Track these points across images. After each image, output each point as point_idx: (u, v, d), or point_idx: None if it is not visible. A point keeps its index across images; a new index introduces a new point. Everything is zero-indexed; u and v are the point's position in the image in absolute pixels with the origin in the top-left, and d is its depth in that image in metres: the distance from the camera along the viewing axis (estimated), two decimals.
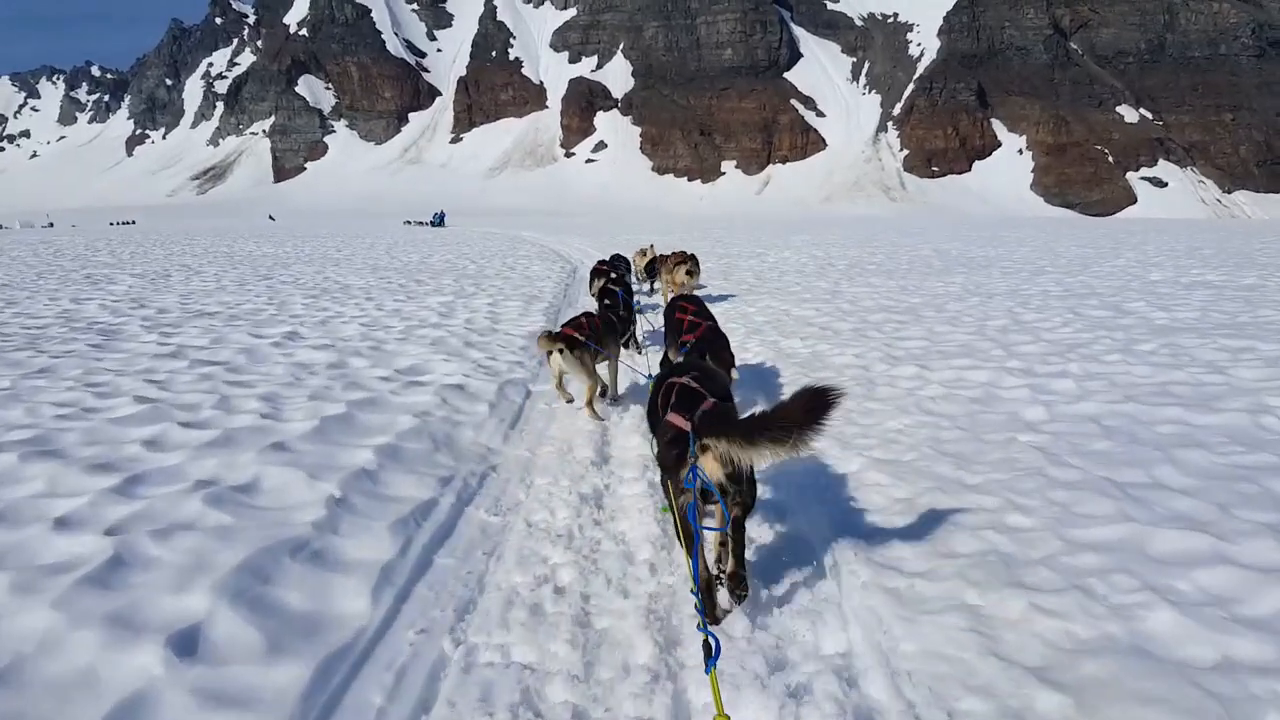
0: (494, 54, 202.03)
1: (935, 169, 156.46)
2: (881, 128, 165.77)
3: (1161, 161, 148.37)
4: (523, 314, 8.36)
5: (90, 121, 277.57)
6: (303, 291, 10.26)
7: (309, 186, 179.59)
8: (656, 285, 11.08)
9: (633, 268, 11.59)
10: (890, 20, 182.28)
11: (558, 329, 5.27)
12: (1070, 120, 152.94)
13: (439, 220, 49.58)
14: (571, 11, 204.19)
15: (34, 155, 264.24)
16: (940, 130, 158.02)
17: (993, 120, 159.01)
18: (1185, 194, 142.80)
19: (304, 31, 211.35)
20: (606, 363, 5.55)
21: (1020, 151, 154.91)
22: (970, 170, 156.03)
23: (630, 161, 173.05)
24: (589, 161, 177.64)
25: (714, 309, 5.90)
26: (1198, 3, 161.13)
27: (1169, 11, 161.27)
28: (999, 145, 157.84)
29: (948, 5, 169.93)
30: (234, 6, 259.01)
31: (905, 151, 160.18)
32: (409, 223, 52.57)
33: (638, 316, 7.35)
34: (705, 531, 2.68)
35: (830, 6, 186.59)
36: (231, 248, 20.67)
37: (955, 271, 12.63)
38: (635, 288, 10.38)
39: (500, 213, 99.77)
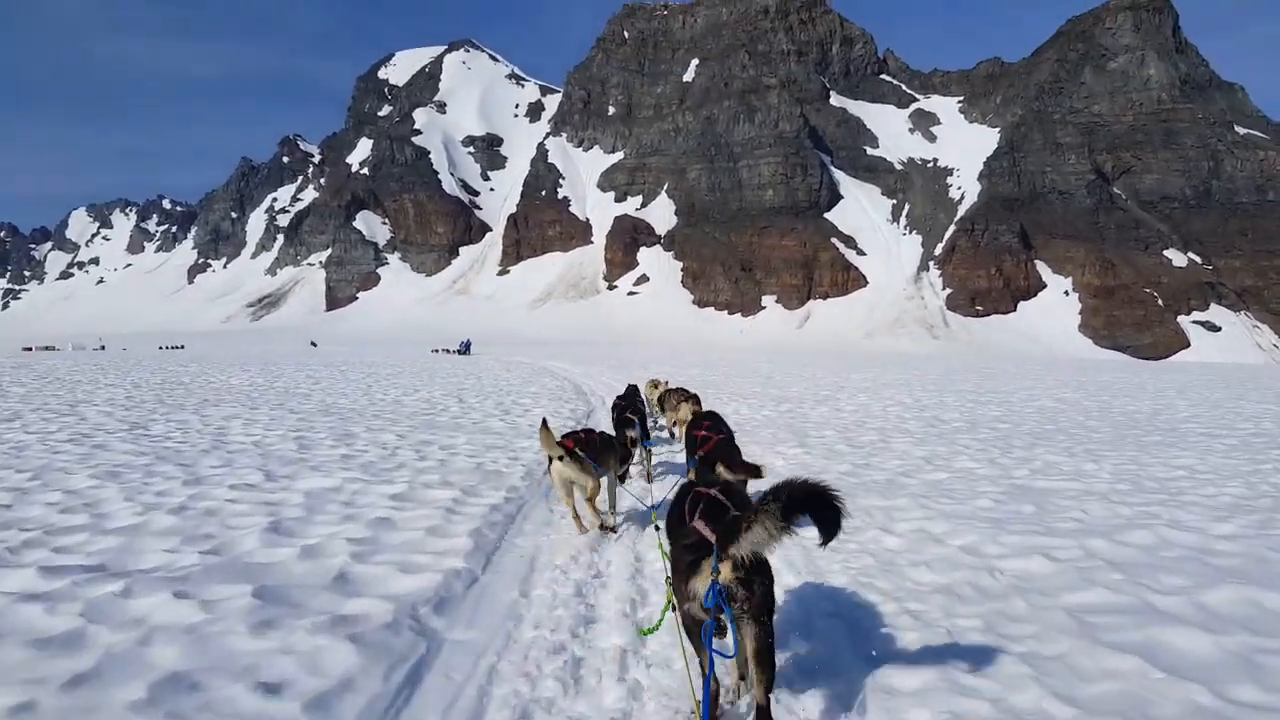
0: (543, 192, 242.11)
1: (979, 308, 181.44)
2: (923, 267, 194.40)
3: (1214, 306, 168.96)
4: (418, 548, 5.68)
5: (157, 251, 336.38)
6: (130, 451, 9.25)
7: (360, 315, 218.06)
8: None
9: (645, 398, 12.55)
10: (930, 165, 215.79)
11: (559, 439, 5.97)
12: (1117, 263, 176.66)
13: (465, 349, 57.47)
14: (619, 155, 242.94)
15: (100, 281, 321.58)
16: (983, 270, 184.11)
17: (1037, 261, 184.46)
18: (1239, 338, 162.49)
19: (365, 170, 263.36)
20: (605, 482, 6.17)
21: (1066, 293, 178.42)
22: (1015, 310, 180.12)
23: (672, 294, 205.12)
24: (631, 294, 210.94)
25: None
26: (1243, 150, 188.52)
27: (1213, 158, 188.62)
28: (1044, 286, 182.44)
29: (987, 151, 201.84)
30: (301, 147, 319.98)
31: (948, 290, 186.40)
32: (436, 350, 60.15)
33: (650, 449, 8.70)
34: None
35: (870, 152, 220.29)
36: (219, 377, 23.16)
37: (1152, 439, 11.87)
38: (650, 418, 11.97)
39: (542, 342, 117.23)
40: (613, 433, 8.04)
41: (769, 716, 2.93)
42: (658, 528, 5.41)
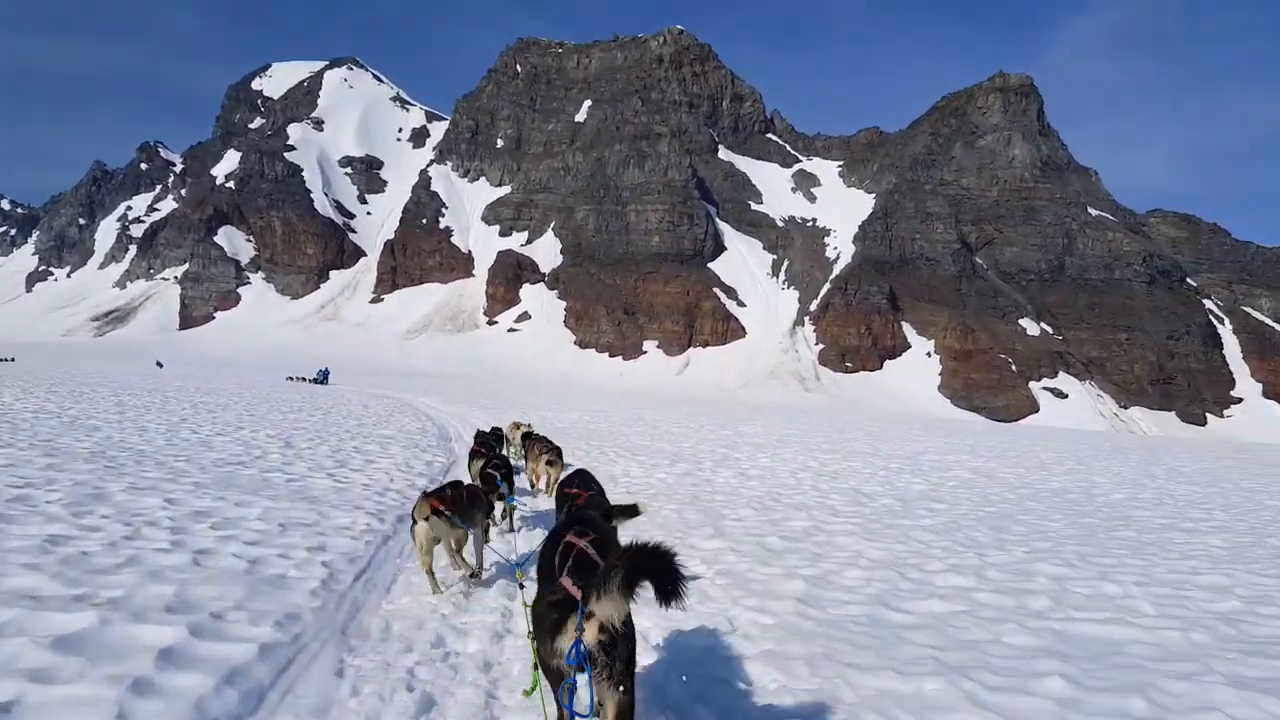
0: (424, 221, 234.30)
1: (849, 364, 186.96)
2: (799, 321, 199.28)
3: (1062, 374, 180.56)
4: None
5: None
6: None
7: (217, 336, 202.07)
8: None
9: (506, 440, 13.32)
10: (809, 224, 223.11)
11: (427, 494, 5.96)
12: (976, 329, 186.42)
13: (323, 378, 54.62)
14: (506, 189, 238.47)
15: None
16: (854, 328, 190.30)
17: (903, 323, 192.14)
18: (1084, 406, 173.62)
19: (230, 184, 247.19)
20: (471, 539, 6.20)
21: (929, 354, 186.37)
22: (881, 368, 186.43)
23: (553, 334, 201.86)
24: (511, 330, 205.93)
25: None
26: (1094, 230, 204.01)
27: (1068, 236, 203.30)
28: (909, 347, 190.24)
29: (863, 215, 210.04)
30: (161, 154, 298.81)
31: (821, 345, 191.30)
32: (291, 379, 56.63)
33: (512, 505, 8.43)
34: None
35: (754, 207, 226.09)
36: (2, 400, 18.48)
37: (1127, 535, 10.37)
38: (511, 458, 12.63)
39: (415, 374, 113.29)
40: (475, 481, 8.10)
41: None
42: (522, 586, 5.65)
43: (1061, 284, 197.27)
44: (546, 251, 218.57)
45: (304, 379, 55.94)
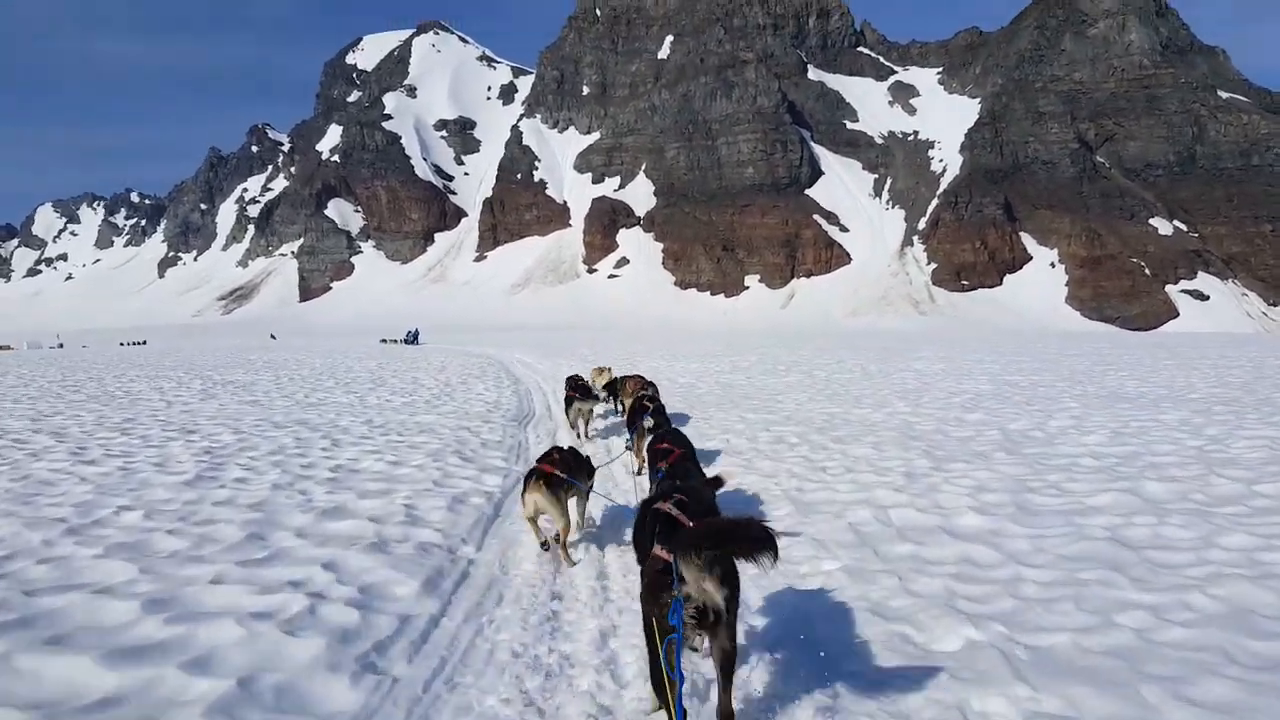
0: (519, 176, 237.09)
1: (965, 282, 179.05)
2: (907, 242, 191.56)
3: (1201, 274, 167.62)
4: None
5: (126, 245, 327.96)
6: None
7: (334, 305, 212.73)
8: (620, 405, 13.14)
9: (591, 385, 12.88)
10: (910, 138, 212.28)
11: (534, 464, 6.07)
12: (1103, 233, 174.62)
13: (413, 339, 55.38)
14: (595, 135, 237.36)
15: (69, 278, 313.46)
16: (968, 244, 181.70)
17: (1022, 234, 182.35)
18: (1229, 307, 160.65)
19: (335, 158, 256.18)
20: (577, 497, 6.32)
21: (1053, 265, 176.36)
22: (1001, 284, 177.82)
23: (653, 277, 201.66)
24: (611, 277, 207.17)
25: None
26: (1226, 115, 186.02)
27: (1197, 123, 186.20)
28: (1030, 259, 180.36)
29: (968, 122, 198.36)
30: (270, 136, 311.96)
31: (933, 265, 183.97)
32: (385, 341, 58.39)
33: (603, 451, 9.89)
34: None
35: (850, 126, 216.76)
36: (124, 383, 20.16)
37: None
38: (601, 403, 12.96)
39: (521, 328, 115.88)
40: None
41: (733, 717, 3.14)
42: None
43: (1194, 177, 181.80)
44: (640, 194, 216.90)
45: (396, 340, 56.94)
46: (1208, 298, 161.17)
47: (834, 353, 31.96)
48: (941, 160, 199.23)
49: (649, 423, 8.65)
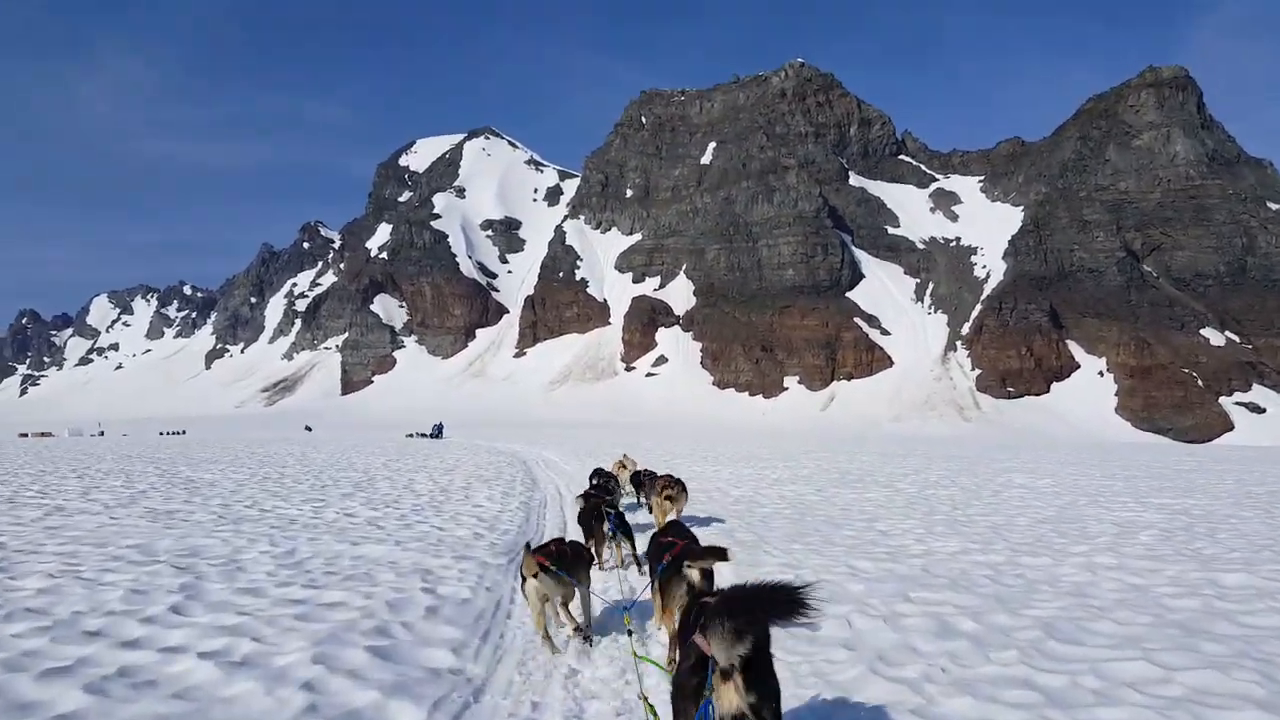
0: (561, 274, 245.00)
1: (1010, 389, 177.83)
2: (950, 347, 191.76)
3: (1256, 386, 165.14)
4: None
5: (176, 336, 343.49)
6: None
7: (375, 398, 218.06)
8: (642, 500, 13.43)
9: (618, 480, 13.43)
10: (953, 244, 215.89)
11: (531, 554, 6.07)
12: (1152, 342, 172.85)
13: (437, 432, 57.06)
14: (637, 236, 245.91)
15: (119, 367, 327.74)
16: (1013, 350, 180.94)
17: (1069, 341, 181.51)
18: None
19: (383, 255, 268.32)
20: (578, 594, 6.45)
21: (1101, 374, 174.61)
22: (1048, 391, 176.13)
23: (691, 375, 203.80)
24: (649, 375, 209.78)
25: None
26: (1277, 225, 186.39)
27: (1246, 234, 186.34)
28: (1077, 367, 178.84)
29: (1011, 229, 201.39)
30: (321, 232, 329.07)
31: (977, 371, 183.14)
32: (410, 435, 60.11)
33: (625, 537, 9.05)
34: None
35: (891, 231, 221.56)
36: (156, 468, 21.77)
37: None
38: (624, 497, 13.13)
39: (555, 424, 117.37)
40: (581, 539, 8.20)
41: None
42: (630, 633, 6.00)
43: (1245, 287, 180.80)
44: (680, 294, 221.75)
45: (422, 435, 58.45)
46: (1264, 410, 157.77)
47: (901, 460, 30.89)
48: (985, 266, 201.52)
49: (607, 528, 8.83)
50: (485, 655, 6.12)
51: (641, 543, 9.31)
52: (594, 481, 12.63)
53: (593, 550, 8.04)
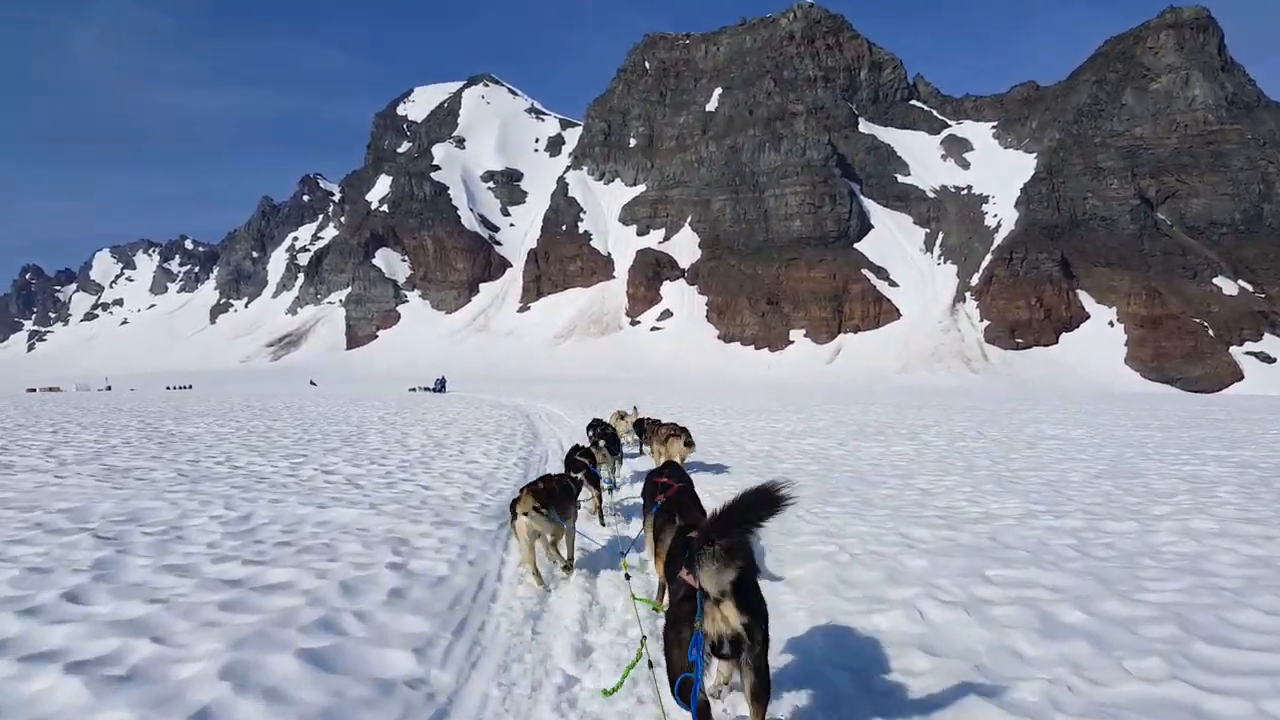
0: (564, 227, 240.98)
1: (1019, 340, 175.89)
2: (959, 298, 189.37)
3: (1268, 335, 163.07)
4: None
5: (180, 291, 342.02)
6: None
7: (379, 353, 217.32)
8: (646, 448, 13.32)
9: (617, 432, 12.77)
10: (964, 192, 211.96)
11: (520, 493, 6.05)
12: (1164, 292, 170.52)
13: (440, 386, 56.58)
14: (640, 188, 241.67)
15: (124, 322, 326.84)
16: (1023, 301, 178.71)
17: (1079, 291, 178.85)
18: None
19: (384, 207, 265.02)
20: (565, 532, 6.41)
21: (1111, 324, 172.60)
22: (1057, 342, 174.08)
23: (696, 329, 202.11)
24: (654, 329, 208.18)
25: None
26: None
27: (1264, 181, 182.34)
28: (1087, 317, 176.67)
29: (1024, 177, 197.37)
30: (321, 185, 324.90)
31: (986, 322, 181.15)
32: (413, 389, 60.52)
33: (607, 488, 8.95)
34: None
35: (901, 180, 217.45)
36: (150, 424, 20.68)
37: None
38: (625, 445, 12.89)
39: (562, 379, 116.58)
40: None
41: None
42: (627, 576, 5.85)
43: (1260, 235, 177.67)
44: (684, 247, 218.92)
45: (425, 389, 58.57)
46: (1275, 360, 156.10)
47: (917, 412, 29.72)
48: (996, 215, 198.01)
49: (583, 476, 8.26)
50: (457, 656, 4.76)
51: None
52: (591, 433, 11.93)
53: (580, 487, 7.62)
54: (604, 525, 8.55)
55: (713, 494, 10.37)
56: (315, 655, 4.50)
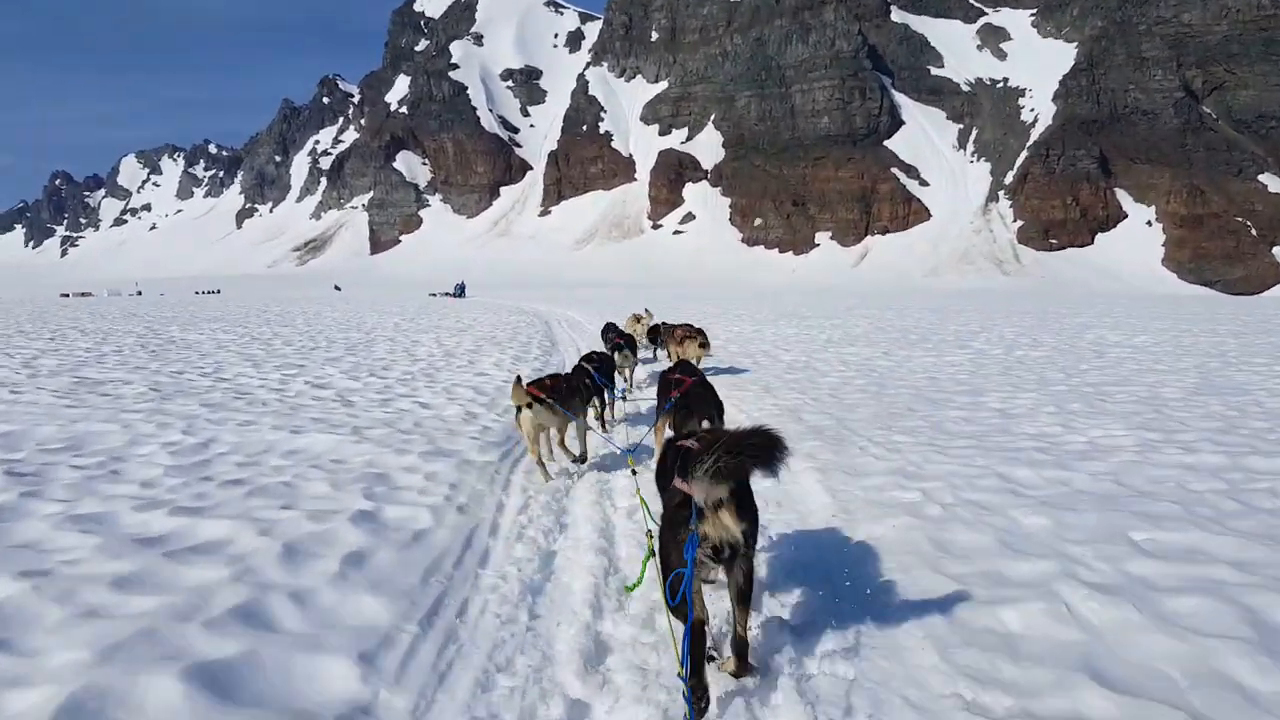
0: (584, 128, 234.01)
1: (1053, 241, 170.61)
2: (992, 197, 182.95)
3: None
4: None
5: (206, 196, 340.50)
6: None
7: (403, 258, 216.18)
8: (662, 353, 13.24)
9: (635, 335, 12.98)
10: (1000, 85, 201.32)
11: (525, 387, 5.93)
12: (1206, 190, 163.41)
13: (460, 292, 57.23)
14: (663, 84, 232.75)
15: (153, 227, 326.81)
16: (1058, 200, 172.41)
17: (1117, 190, 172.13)
18: None
19: (403, 109, 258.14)
20: (574, 426, 6.33)
21: (1149, 223, 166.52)
22: (1092, 243, 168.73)
23: (719, 233, 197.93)
24: (676, 233, 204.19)
25: None
26: None
27: None
28: (1125, 217, 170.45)
29: (1064, 68, 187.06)
30: (340, 86, 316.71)
31: (1019, 223, 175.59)
32: (433, 295, 60.67)
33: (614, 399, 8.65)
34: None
35: (934, 72, 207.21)
36: (165, 331, 19.87)
37: None
38: (641, 350, 12.58)
39: (584, 284, 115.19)
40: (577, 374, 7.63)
41: (747, 646, 3.21)
42: (634, 472, 5.65)
43: None
44: (708, 147, 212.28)
45: (446, 294, 58.53)
46: None
47: (958, 315, 27.39)
48: (1033, 109, 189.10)
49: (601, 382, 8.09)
50: (422, 662, 3.35)
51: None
52: (608, 337, 11.75)
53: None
54: (605, 431, 8.17)
55: (749, 414, 9.03)
56: (212, 673, 3.04)
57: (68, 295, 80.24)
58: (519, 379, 6.12)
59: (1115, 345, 16.72)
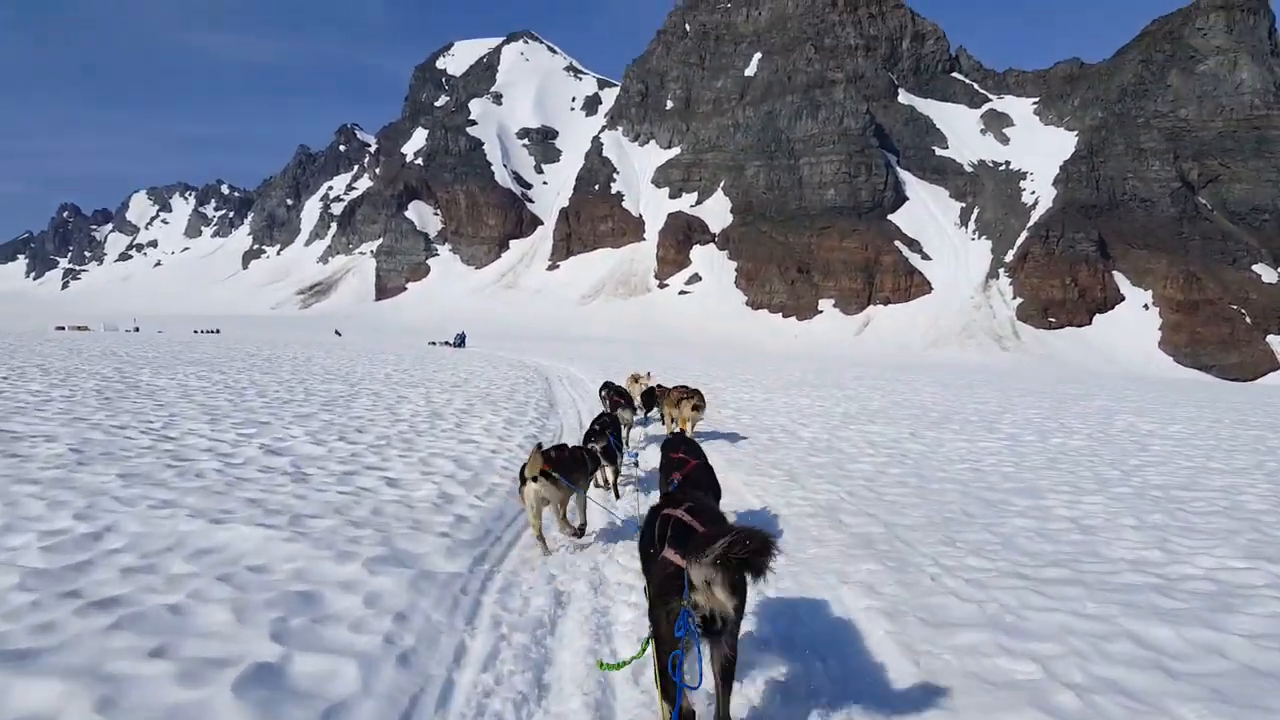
0: (596, 187, 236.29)
1: (1052, 320, 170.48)
2: (992, 274, 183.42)
3: None
4: None
5: (214, 235, 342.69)
6: None
7: (408, 305, 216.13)
8: (653, 414, 13.02)
9: (632, 395, 12.56)
10: (1002, 168, 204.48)
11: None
12: (1201, 277, 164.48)
13: (460, 341, 56.38)
14: (675, 150, 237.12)
15: (157, 264, 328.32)
16: (1057, 280, 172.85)
17: (1115, 272, 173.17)
18: None
19: (419, 160, 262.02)
20: (575, 498, 6.18)
21: (1146, 307, 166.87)
22: (1090, 323, 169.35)
23: (724, 295, 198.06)
24: (683, 293, 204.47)
25: None
26: None
27: None
28: (1122, 299, 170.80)
29: (1064, 154, 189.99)
30: (358, 136, 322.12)
31: (1019, 300, 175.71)
32: (433, 343, 60.34)
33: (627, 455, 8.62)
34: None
35: (939, 152, 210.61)
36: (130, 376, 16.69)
37: None
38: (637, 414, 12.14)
39: (589, 339, 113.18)
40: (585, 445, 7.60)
41: None
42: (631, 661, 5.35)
43: None
44: (716, 211, 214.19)
45: (446, 343, 57.53)
46: None
47: (971, 393, 25.57)
48: (1033, 192, 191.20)
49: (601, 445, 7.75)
50: None
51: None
52: (603, 394, 11.89)
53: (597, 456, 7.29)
54: (618, 498, 8.11)
55: (776, 510, 7.76)
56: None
57: (63, 328, 78.76)
58: (539, 447, 5.99)
59: (1150, 435, 15.49)
